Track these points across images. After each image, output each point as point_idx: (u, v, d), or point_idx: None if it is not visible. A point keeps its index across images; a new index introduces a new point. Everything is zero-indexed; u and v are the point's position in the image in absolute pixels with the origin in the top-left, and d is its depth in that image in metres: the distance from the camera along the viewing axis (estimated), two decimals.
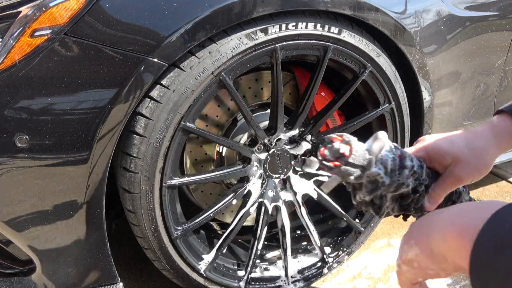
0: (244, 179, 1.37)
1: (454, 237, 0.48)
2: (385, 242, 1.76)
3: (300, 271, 1.50)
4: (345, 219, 1.51)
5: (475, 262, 0.44)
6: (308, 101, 1.30)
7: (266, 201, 1.40)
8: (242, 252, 1.54)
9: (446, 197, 0.75)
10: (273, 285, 1.45)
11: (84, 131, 1.00)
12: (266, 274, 1.49)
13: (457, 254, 0.48)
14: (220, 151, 1.42)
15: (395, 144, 0.72)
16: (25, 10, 0.96)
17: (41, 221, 1.05)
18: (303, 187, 1.45)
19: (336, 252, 1.54)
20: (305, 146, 1.40)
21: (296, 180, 1.45)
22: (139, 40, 0.99)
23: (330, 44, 1.23)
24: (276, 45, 1.16)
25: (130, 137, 1.09)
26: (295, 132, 1.37)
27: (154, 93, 1.07)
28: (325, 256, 1.51)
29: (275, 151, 1.35)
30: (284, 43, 1.17)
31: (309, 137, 1.39)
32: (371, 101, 1.42)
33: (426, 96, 1.43)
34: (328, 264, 1.52)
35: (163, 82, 1.07)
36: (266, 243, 1.58)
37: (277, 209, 1.43)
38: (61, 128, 0.98)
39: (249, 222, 1.51)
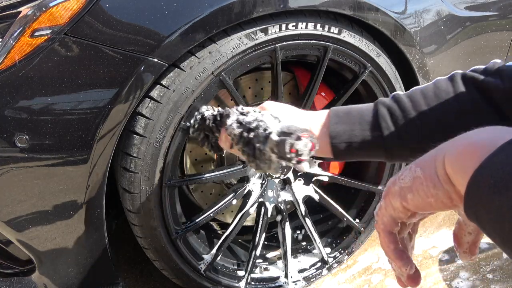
0: (244, 179, 1.37)
1: (469, 153, 0.42)
2: None
3: (300, 271, 1.50)
4: (345, 219, 1.51)
5: (470, 195, 0.40)
6: (308, 101, 1.30)
7: (266, 202, 1.40)
8: (242, 252, 1.54)
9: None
10: (273, 285, 1.45)
11: (84, 131, 1.00)
12: (266, 274, 1.49)
13: (465, 175, 0.41)
14: None
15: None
16: (25, 10, 0.96)
17: (41, 221, 1.05)
18: (303, 188, 1.45)
19: (336, 252, 1.54)
20: None
21: (296, 181, 1.45)
22: (139, 40, 0.99)
23: (330, 44, 1.23)
24: (276, 45, 1.16)
25: (130, 137, 1.09)
26: None
27: (154, 93, 1.07)
28: (325, 256, 1.51)
29: None
30: (284, 43, 1.17)
31: None
32: (371, 101, 1.41)
33: None
34: (328, 264, 1.52)
35: (163, 82, 1.07)
36: (266, 243, 1.58)
37: (278, 211, 1.43)
38: (61, 128, 0.98)
39: (249, 222, 1.52)
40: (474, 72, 0.72)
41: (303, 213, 1.45)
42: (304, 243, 1.61)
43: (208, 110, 1.04)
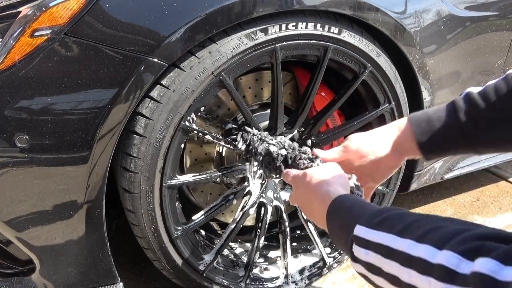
0: (244, 179, 1.37)
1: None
2: None
3: (300, 271, 1.50)
4: None
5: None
6: (308, 101, 1.30)
7: (266, 202, 1.40)
8: (242, 252, 1.54)
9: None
10: (273, 285, 1.45)
11: (84, 131, 1.00)
12: (266, 274, 1.49)
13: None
14: (220, 151, 1.42)
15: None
16: (25, 10, 0.96)
17: (41, 221, 1.05)
18: None
19: (336, 253, 1.54)
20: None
21: None
22: (139, 40, 0.99)
23: (330, 44, 1.23)
24: (276, 45, 1.16)
25: (130, 137, 1.09)
26: (295, 132, 1.37)
27: (154, 93, 1.07)
28: (325, 256, 1.51)
29: None
30: (284, 43, 1.17)
31: (309, 141, 1.39)
32: (371, 101, 1.42)
33: (426, 96, 1.43)
34: (328, 264, 1.52)
35: (163, 82, 1.07)
36: (266, 243, 1.58)
37: (278, 214, 1.43)
38: (61, 128, 0.98)
39: (250, 222, 1.52)
40: None
41: (305, 217, 1.45)
42: (304, 243, 1.61)
43: (275, 147, 1.11)
